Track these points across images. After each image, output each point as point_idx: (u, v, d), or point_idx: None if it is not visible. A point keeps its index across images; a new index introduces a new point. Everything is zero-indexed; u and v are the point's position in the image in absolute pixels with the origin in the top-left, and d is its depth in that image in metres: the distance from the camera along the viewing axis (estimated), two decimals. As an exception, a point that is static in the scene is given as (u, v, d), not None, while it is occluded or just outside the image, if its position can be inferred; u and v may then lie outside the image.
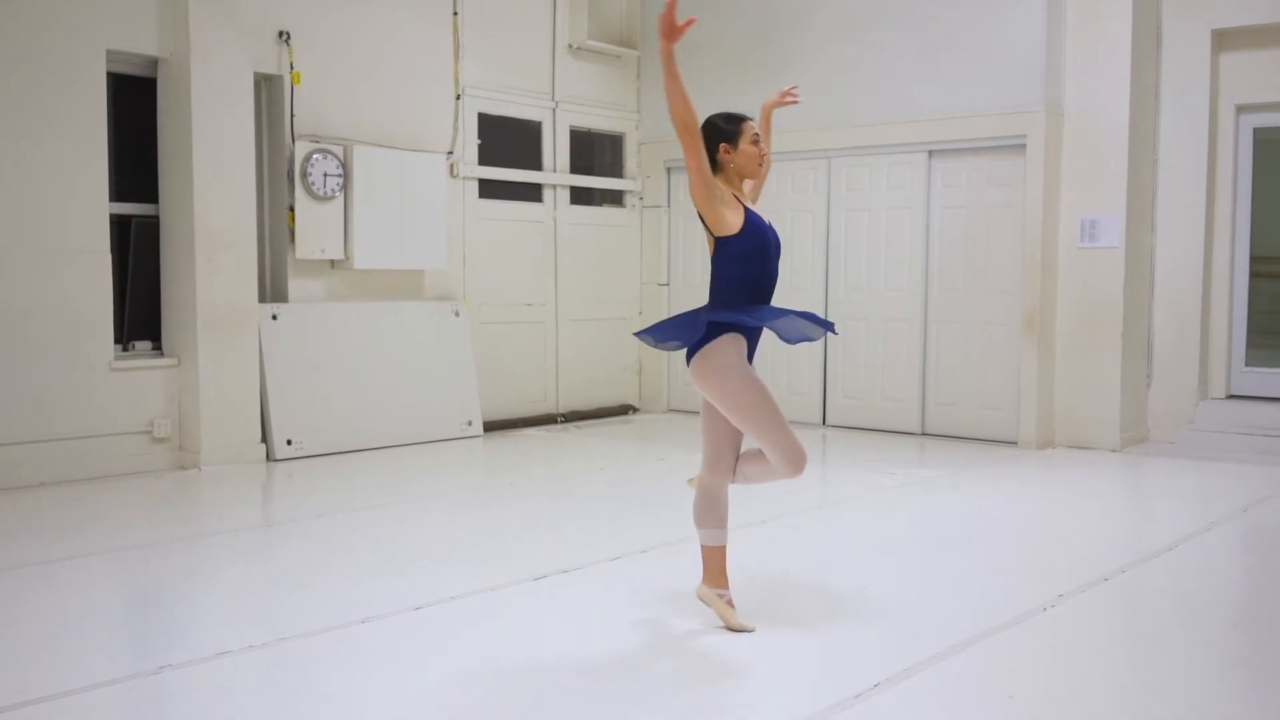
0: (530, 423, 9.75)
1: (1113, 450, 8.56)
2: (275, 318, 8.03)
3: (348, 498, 6.83)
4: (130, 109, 7.66)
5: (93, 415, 7.21)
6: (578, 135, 10.24)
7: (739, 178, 4.32)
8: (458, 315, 9.12)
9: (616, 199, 10.65)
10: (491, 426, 9.37)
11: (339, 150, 8.28)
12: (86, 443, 7.18)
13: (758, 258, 4.18)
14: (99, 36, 7.21)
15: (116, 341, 7.46)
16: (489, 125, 9.52)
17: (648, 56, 10.50)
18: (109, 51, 7.29)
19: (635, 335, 4.41)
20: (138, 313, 7.69)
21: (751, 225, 4.18)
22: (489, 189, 9.55)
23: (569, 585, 4.95)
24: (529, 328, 9.86)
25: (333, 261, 8.43)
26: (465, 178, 9.27)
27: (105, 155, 7.30)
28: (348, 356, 8.38)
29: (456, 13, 9.14)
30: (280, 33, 8.05)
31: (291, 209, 8.10)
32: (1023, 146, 8.67)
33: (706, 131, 4.29)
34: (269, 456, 7.86)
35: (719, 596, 4.36)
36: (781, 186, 9.77)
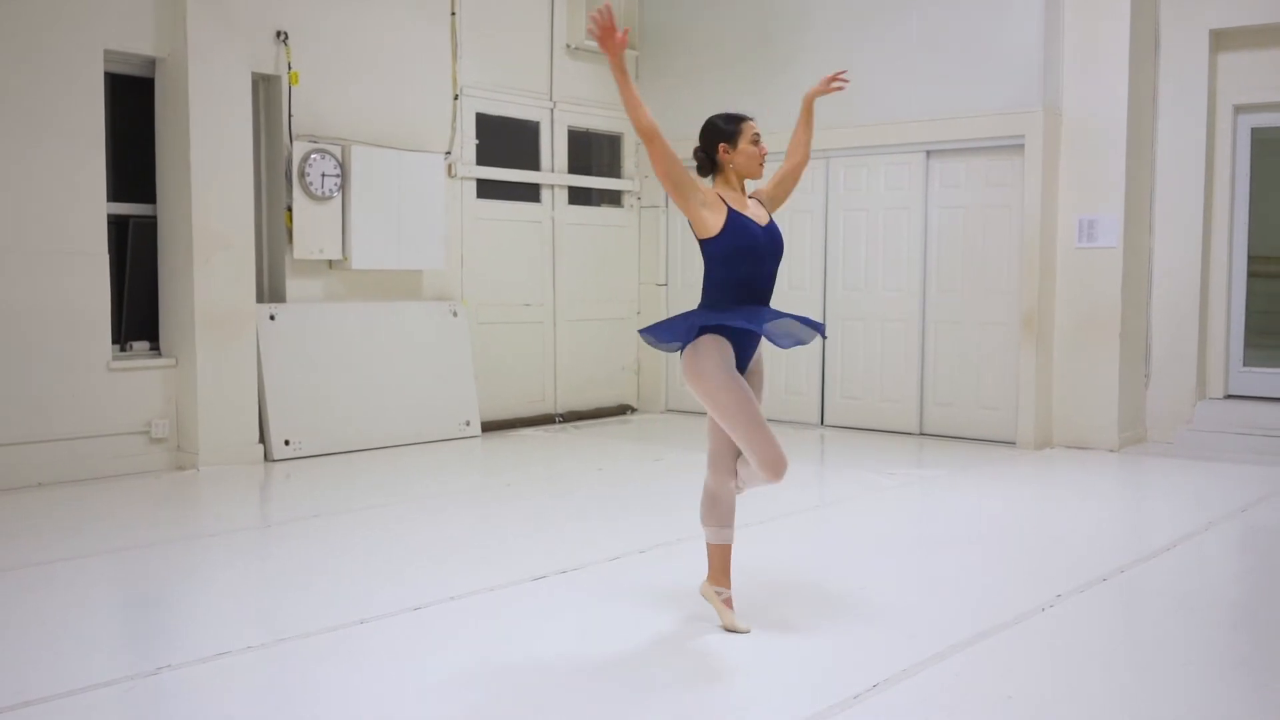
0: (528, 423, 9.75)
1: (1111, 450, 8.56)
2: (273, 318, 8.02)
3: (346, 498, 6.83)
4: (128, 109, 7.66)
5: (91, 415, 7.20)
6: (576, 135, 10.24)
7: (738, 178, 4.30)
8: (456, 315, 9.12)
9: (614, 199, 10.65)
10: (489, 427, 9.37)
11: (337, 150, 8.28)
12: (84, 443, 7.17)
13: (742, 259, 4.12)
14: (97, 36, 7.21)
15: (114, 342, 7.46)
16: (487, 125, 9.52)
17: (646, 57, 10.51)
18: (107, 51, 7.29)
19: (639, 333, 4.40)
20: (135, 313, 7.69)
21: (734, 227, 4.10)
22: (487, 189, 9.55)
23: (568, 585, 4.95)
24: (527, 328, 9.86)
25: (330, 262, 8.43)
26: (463, 178, 9.27)
27: (103, 155, 7.29)
28: (346, 357, 8.38)
29: (454, 13, 9.14)
30: (278, 33, 8.05)
31: (289, 209, 8.10)
32: (1021, 147, 8.68)
33: (706, 132, 4.29)
34: (267, 457, 7.86)
35: (717, 595, 4.36)
36: (780, 186, 9.75)
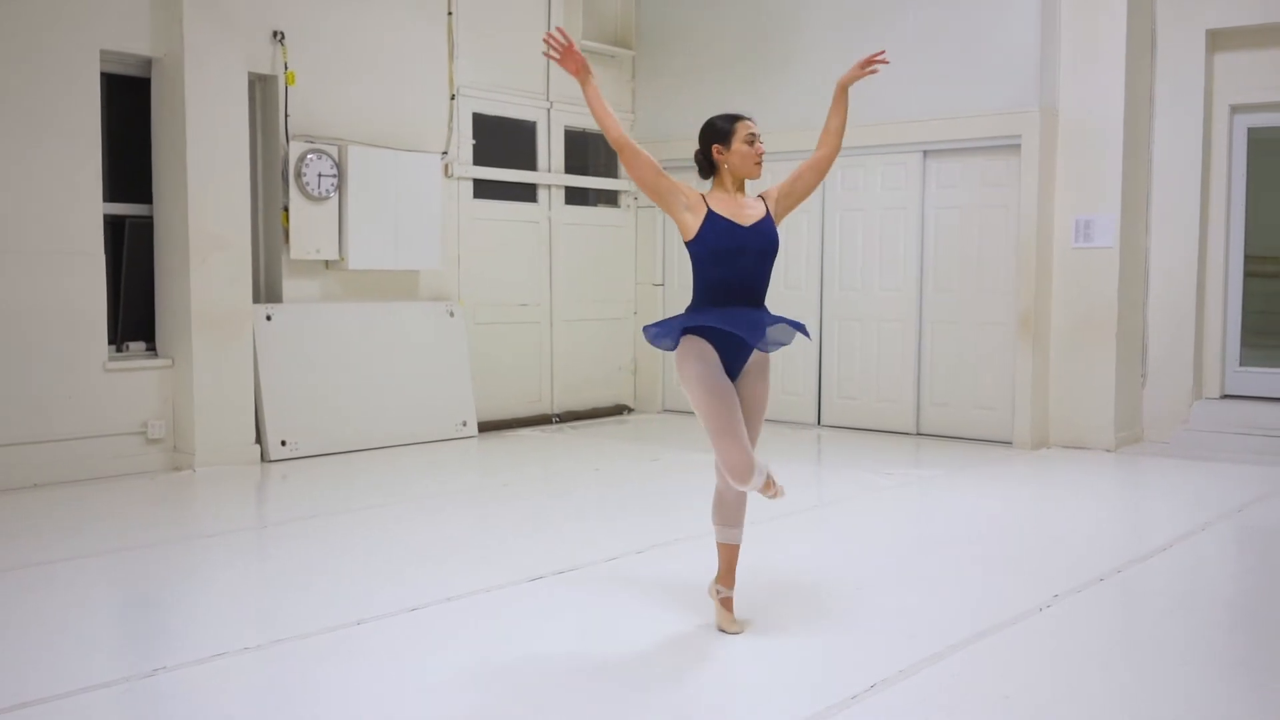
0: (525, 423, 9.74)
1: (1107, 450, 8.57)
2: (270, 318, 8.01)
3: (343, 498, 6.82)
4: (124, 109, 7.65)
5: (87, 416, 7.19)
6: (572, 135, 10.23)
7: (733, 178, 4.29)
8: (452, 315, 9.11)
9: (611, 199, 10.65)
10: (486, 427, 9.36)
11: (333, 150, 8.27)
12: (81, 444, 7.16)
13: (720, 260, 4.13)
14: (93, 37, 7.19)
15: (110, 342, 7.44)
16: (484, 125, 9.51)
17: (643, 57, 10.50)
18: (103, 52, 7.27)
19: (644, 329, 4.42)
20: (132, 313, 7.67)
21: (712, 228, 4.13)
22: (484, 189, 9.54)
23: (566, 586, 4.94)
24: (524, 328, 9.85)
25: (327, 262, 8.41)
26: (460, 178, 9.26)
27: (99, 155, 7.28)
28: (342, 357, 8.37)
29: (451, 12, 9.13)
30: (274, 33, 8.04)
31: (286, 209, 8.09)
32: (1017, 147, 8.68)
33: (702, 132, 4.32)
34: (263, 457, 7.85)
35: (717, 594, 4.36)
36: (777, 186, 9.76)
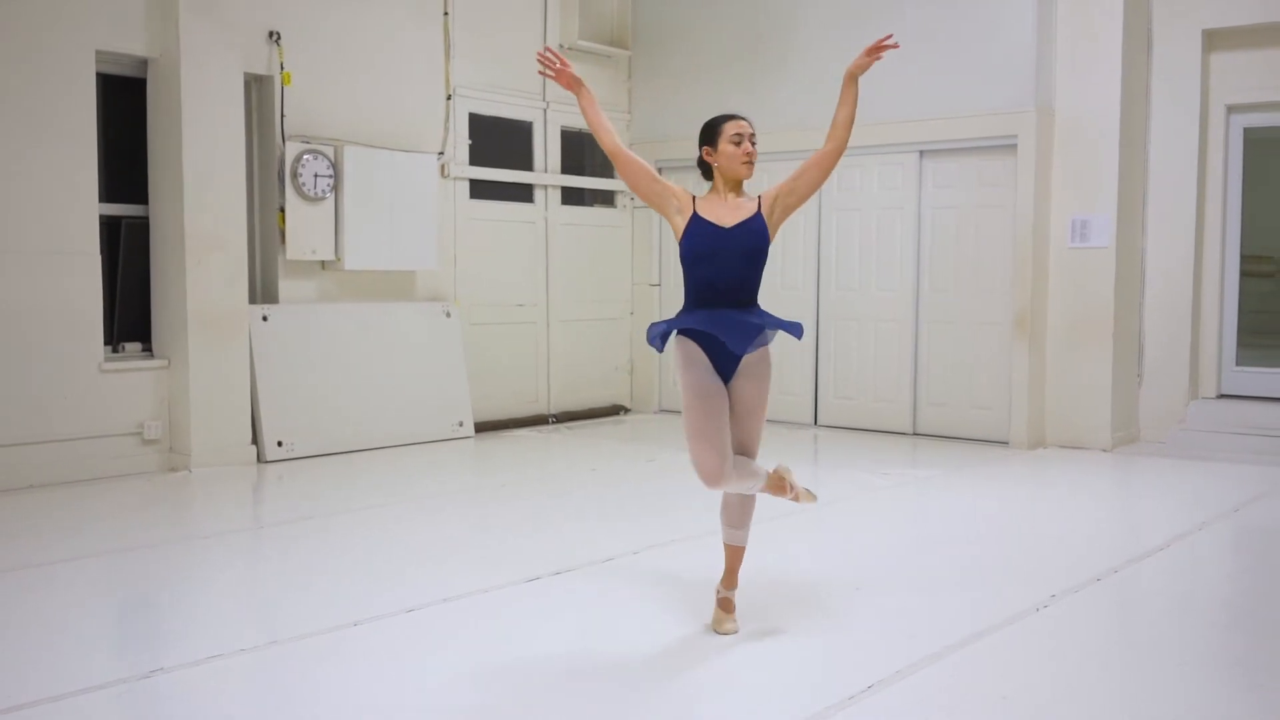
0: (521, 423, 9.73)
1: (1104, 450, 8.57)
2: (266, 319, 8.00)
3: (339, 499, 6.81)
4: (120, 110, 7.63)
5: (83, 417, 7.17)
6: (569, 135, 10.22)
7: (724, 179, 4.28)
8: (449, 316, 9.10)
9: (608, 199, 10.64)
10: (483, 427, 9.35)
11: (330, 151, 8.26)
12: (77, 445, 7.14)
13: (700, 262, 4.16)
14: (88, 37, 7.18)
15: (106, 343, 7.43)
16: (480, 125, 9.50)
17: (639, 57, 10.50)
18: (98, 52, 7.26)
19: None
20: (128, 314, 7.66)
21: (693, 230, 4.18)
22: (480, 189, 9.53)
23: (562, 586, 4.94)
24: (520, 328, 9.85)
25: (323, 262, 8.40)
26: (456, 178, 9.25)
27: (95, 156, 7.26)
28: (339, 358, 8.36)
29: (447, 12, 9.12)
30: (270, 33, 8.03)
31: (282, 210, 8.08)
32: (1014, 146, 8.68)
33: (699, 136, 4.34)
34: (259, 458, 7.83)
35: (717, 594, 4.36)
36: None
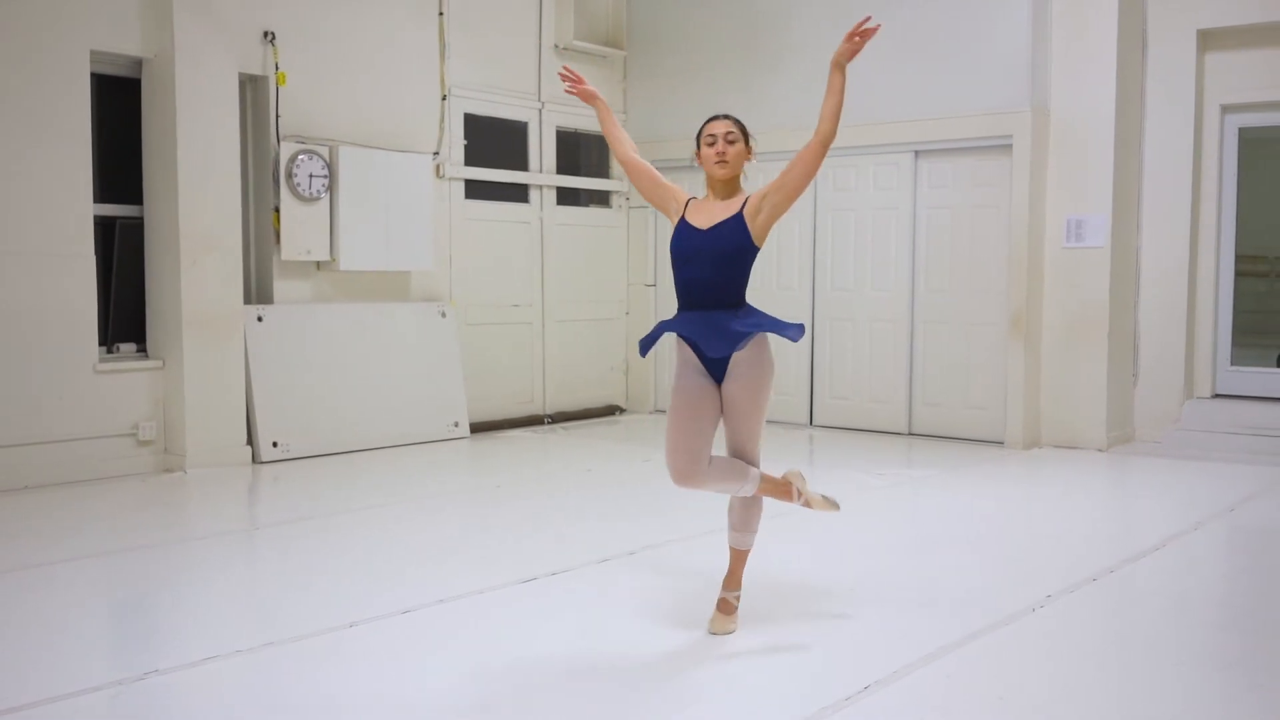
0: (517, 424, 9.73)
1: (1099, 450, 8.58)
2: (261, 319, 7.99)
3: (334, 500, 6.80)
4: (115, 110, 7.62)
5: (77, 418, 7.16)
6: (564, 136, 10.22)
7: (710, 180, 4.30)
8: (444, 316, 9.10)
9: (603, 199, 10.64)
10: (478, 428, 9.35)
11: (324, 151, 8.25)
12: (71, 445, 7.13)
13: (678, 265, 4.22)
14: (83, 37, 7.16)
15: (101, 344, 7.42)
16: (475, 126, 9.49)
17: (634, 57, 10.50)
18: (93, 52, 7.24)
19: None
20: (122, 315, 7.65)
21: (676, 234, 4.24)
22: (475, 189, 9.52)
23: (558, 587, 4.93)
24: (516, 328, 9.84)
25: (318, 263, 8.40)
26: (451, 178, 9.25)
27: (89, 156, 7.25)
28: (334, 358, 8.35)
29: (442, 13, 9.11)
30: (265, 33, 8.02)
31: (277, 210, 8.07)
32: (1009, 147, 8.69)
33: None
34: (255, 459, 7.82)
35: (719, 594, 4.36)
36: (768, 187, 9.76)
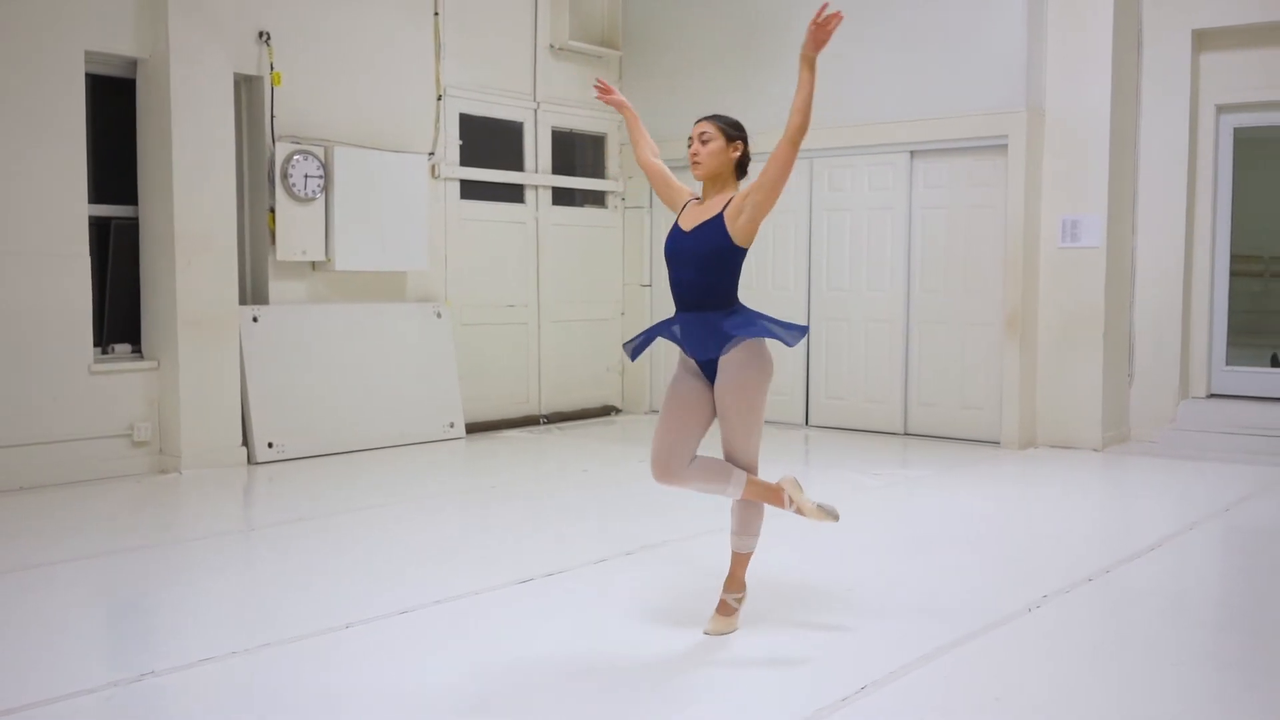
0: (513, 424, 9.72)
1: (1094, 450, 8.59)
2: (256, 320, 7.98)
3: (330, 501, 6.79)
4: (109, 110, 7.60)
5: (72, 418, 7.14)
6: (559, 136, 10.21)
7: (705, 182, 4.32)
8: (439, 316, 9.09)
9: (598, 199, 10.63)
10: (474, 428, 9.34)
11: (320, 151, 8.24)
12: (66, 446, 7.12)
13: (669, 266, 4.29)
14: (78, 37, 7.15)
15: (96, 344, 7.40)
16: (470, 126, 9.49)
17: (629, 57, 10.49)
18: (87, 52, 7.23)
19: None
20: (117, 315, 7.63)
21: (669, 234, 4.30)
22: (471, 190, 9.51)
23: (556, 587, 4.93)
24: (511, 329, 9.83)
25: (314, 263, 8.38)
26: (447, 178, 9.24)
27: (84, 157, 7.24)
28: (329, 359, 8.34)
29: (438, 13, 9.10)
30: (260, 33, 8.00)
31: (272, 210, 8.06)
32: (1004, 147, 8.69)
33: None
34: (250, 459, 7.81)
35: (720, 596, 4.37)
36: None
